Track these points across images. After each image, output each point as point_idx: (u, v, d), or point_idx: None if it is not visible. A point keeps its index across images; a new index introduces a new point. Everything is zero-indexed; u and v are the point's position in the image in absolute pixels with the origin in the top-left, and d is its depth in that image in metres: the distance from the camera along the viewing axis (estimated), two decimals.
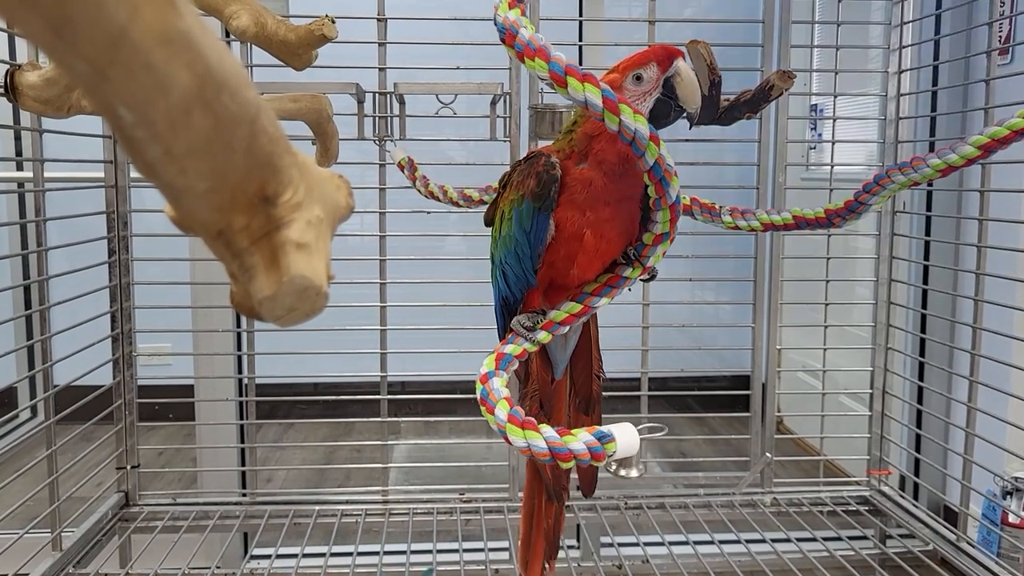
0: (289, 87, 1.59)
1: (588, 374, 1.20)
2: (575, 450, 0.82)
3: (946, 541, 1.76)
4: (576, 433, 0.83)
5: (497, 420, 0.86)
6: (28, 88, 1.15)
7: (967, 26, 2.15)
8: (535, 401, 1.18)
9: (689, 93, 0.98)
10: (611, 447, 0.83)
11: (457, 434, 3.28)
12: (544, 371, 1.17)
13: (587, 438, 0.83)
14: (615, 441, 0.83)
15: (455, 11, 1.88)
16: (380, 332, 1.92)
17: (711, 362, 3.70)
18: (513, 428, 0.84)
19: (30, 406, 3.71)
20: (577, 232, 1.00)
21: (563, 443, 0.83)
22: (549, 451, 0.82)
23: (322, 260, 0.45)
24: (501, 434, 0.85)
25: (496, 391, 0.89)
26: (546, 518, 1.24)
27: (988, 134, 1.05)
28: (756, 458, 2.00)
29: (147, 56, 0.32)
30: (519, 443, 0.83)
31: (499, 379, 0.92)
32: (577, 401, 1.21)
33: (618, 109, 0.87)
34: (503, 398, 0.88)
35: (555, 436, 0.83)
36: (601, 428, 0.84)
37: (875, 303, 2.04)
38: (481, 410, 0.89)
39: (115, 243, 1.84)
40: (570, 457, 0.82)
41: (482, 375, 0.93)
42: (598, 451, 0.82)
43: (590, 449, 0.82)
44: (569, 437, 0.83)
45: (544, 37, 0.91)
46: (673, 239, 1.01)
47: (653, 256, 1.02)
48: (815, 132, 3.19)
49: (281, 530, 1.83)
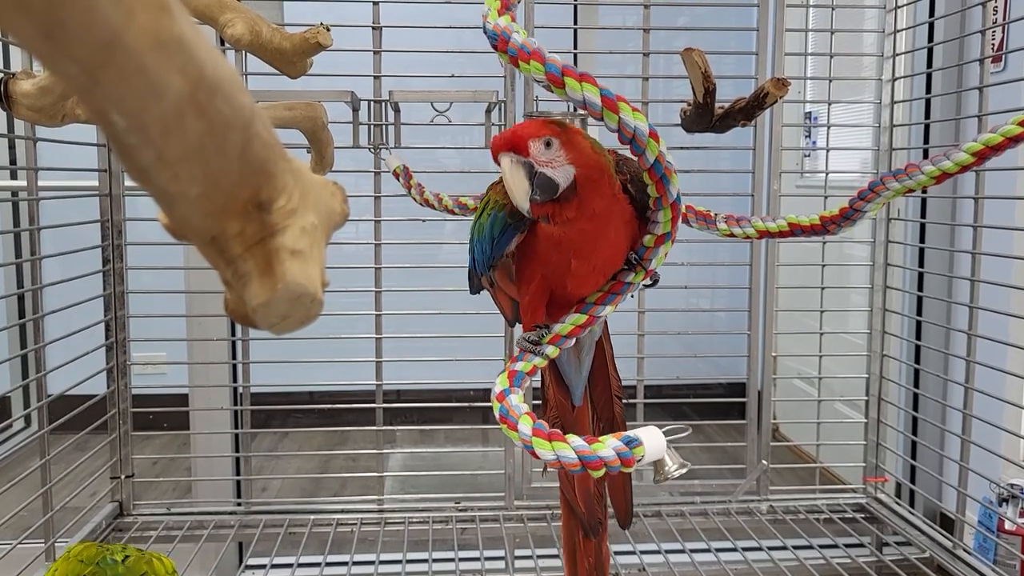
0: (284, 95, 1.59)
1: (608, 396, 1.18)
2: (605, 457, 0.81)
3: (942, 548, 1.76)
4: (604, 440, 0.82)
5: (522, 436, 0.84)
6: (22, 96, 1.15)
7: (960, 34, 2.16)
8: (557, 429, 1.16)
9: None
10: (639, 451, 0.82)
11: (453, 443, 3.28)
12: (563, 397, 1.15)
13: (615, 444, 0.82)
14: (643, 445, 0.82)
15: (450, 19, 1.89)
16: (375, 340, 1.92)
17: (707, 370, 3.70)
18: (540, 441, 0.83)
19: (24, 415, 3.69)
20: (561, 253, 1.00)
21: (592, 451, 0.81)
22: (579, 460, 0.81)
23: (317, 267, 0.45)
24: (527, 449, 0.83)
25: (516, 407, 0.88)
26: (587, 556, 1.21)
27: (982, 141, 1.05)
28: (752, 465, 1.99)
29: (140, 60, 0.32)
30: (547, 456, 0.82)
31: (516, 395, 0.90)
32: (601, 426, 1.19)
33: (617, 107, 0.87)
34: (525, 413, 0.86)
35: (584, 445, 0.81)
36: (627, 433, 0.83)
37: (870, 310, 2.04)
38: (502, 428, 0.87)
39: (109, 252, 1.84)
40: (600, 465, 0.80)
41: (498, 393, 0.92)
42: (627, 456, 0.81)
43: (619, 455, 0.81)
44: (597, 445, 0.82)
45: (537, 41, 0.91)
46: (675, 239, 1.00)
47: (655, 258, 1.01)
48: (810, 139, 3.20)
49: (276, 540, 1.82)
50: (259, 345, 1.95)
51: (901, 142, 1.99)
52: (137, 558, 1.18)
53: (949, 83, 2.26)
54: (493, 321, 1.86)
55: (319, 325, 0.53)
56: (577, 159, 0.95)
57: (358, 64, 1.84)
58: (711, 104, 1.14)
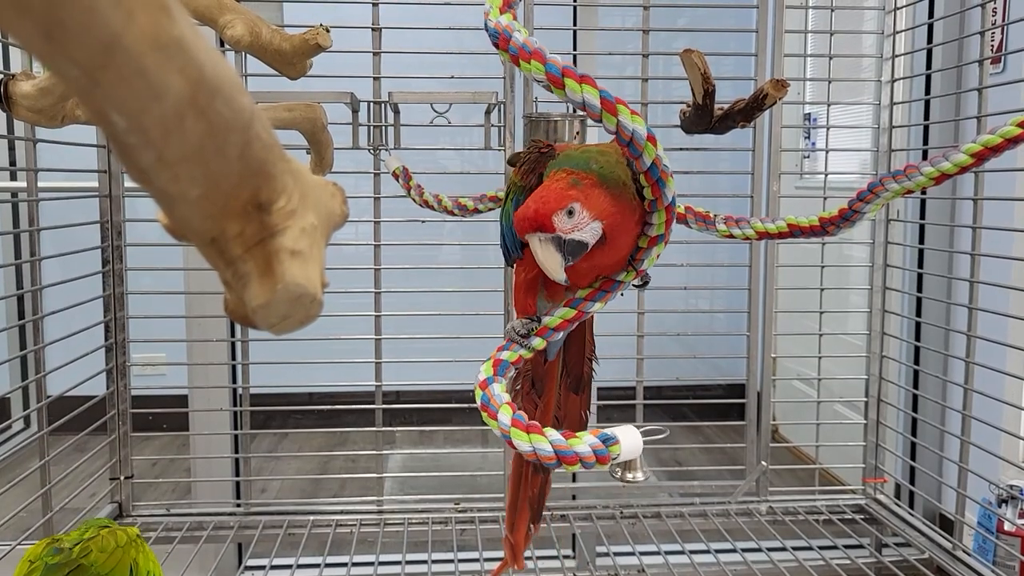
0: (284, 96, 1.59)
1: (581, 356, 1.22)
2: (580, 453, 0.82)
3: (942, 549, 1.76)
4: (581, 436, 0.83)
5: (501, 425, 0.86)
6: (22, 98, 1.15)
7: (959, 35, 2.16)
8: (527, 379, 1.19)
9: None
10: (615, 449, 0.83)
11: (452, 443, 3.28)
12: (537, 352, 1.19)
13: (592, 441, 0.83)
14: (619, 443, 0.83)
15: (450, 21, 1.89)
16: (375, 341, 1.92)
17: (706, 371, 3.70)
18: (518, 432, 0.84)
19: (23, 416, 3.69)
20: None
21: (568, 446, 0.82)
22: (555, 454, 0.82)
23: (316, 267, 0.45)
24: (505, 439, 0.85)
25: (497, 396, 0.89)
26: (531, 487, 1.26)
27: (981, 142, 1.05)
28: (752, 467, 1.99)
29: (140, 62, 0.32)
30: (524, 447, 0.83)
31: (499, 384, 0.92)
32: (568, 381, 1.23)
33: (616, 110, 0.87)
34: (505, 403, 0.88)
35: (560, 440, 0.83)
36: (605, 431, 0.84)
37: (869, 311, 2.04)
38: (483, 416, 0.89)
39: (109, 253, 1.84)
40: (576, 460, 0.82)
41: (481, 381, 0.93)
42: (603, 453, 0.82)
43: (595, 452, 0.82)
44: (574, 440, 0.83)
45: (538, 41, 0.91)
46: (668, 242, 1.01)
47: (647, 259, 1.02)
48: (809, 141, 3.21)
49: (276, 541, 1.82)
50: (258, 346, 1.95)
51: (900, 143, 2.00)
52: (104, 536, 1.16)
53: (948, 84, 2.27)
54: (493, 322, 1.86)
55: (319, 326, 0.53)
56: (601, 212, 0.95)
57: (358, 65, 1.84)
58: (710, 105, 1.14)
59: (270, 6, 2.08)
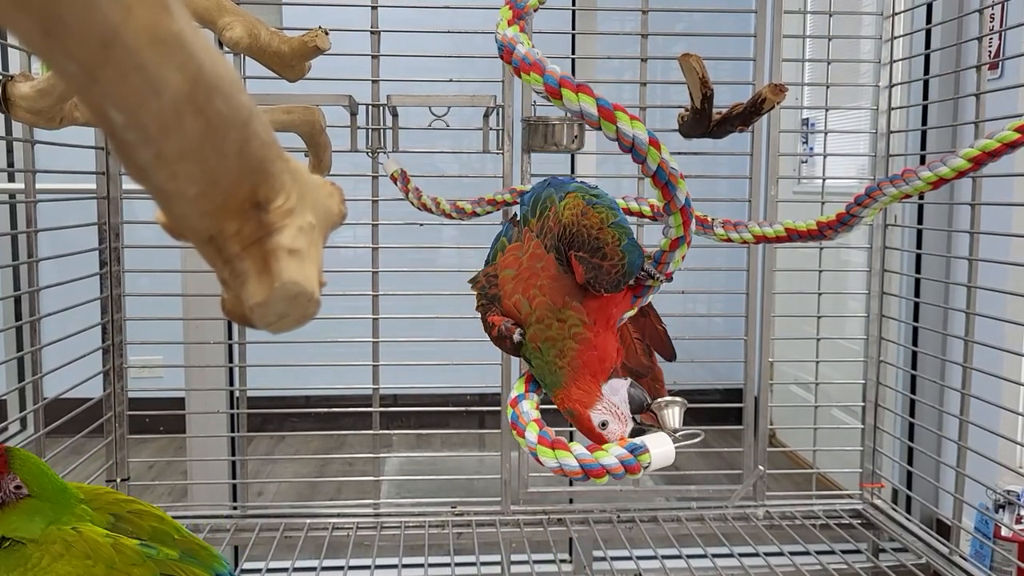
0: (282, 99, 1.59)
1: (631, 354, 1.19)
2: (607, 465, 0.82)
3: (939, 554, 1.76)
4: (607, 448, 0.83)
5: (528, 443, 0.87)
6: (20, 99, 1.15)
7: (957, 41, 2.16)
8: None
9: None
10: (645, 459, 0.82)
11: (449, 447, 3.27)
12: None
13: (619, 452, 0.82)
14: (649, 452, 0.82)
15: (449, 24, 1.89)
16: (373, 344, 1.92)
17: (703, 375, 3.70)
18: (543, 449, 0.85)
19: (20, 418, 3.68)
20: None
21: (595, 459, 0.82)
22: (581, 468, 0.82)
23: (314, 266, 0.45)
24: (532, 456, 0.86)
25: (525, 414, 0.90)
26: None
27: (979, 147, 1.05)
28: (749, 471, 1.99)
29: (139, 57, 0.32)
30: (550, 463, 0.84)
31: (528, 402, 0.92)
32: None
33: (615, 117, 0.87)
34: (532, 420, 0.89)
35: (586, 453, 0.82)
36: (634, 440, 0.83)
37: (867, 316, 2.04)
38: (512, 434, 0.90)
39: (107, 255, 1.83)
40: (603, 473, 0.82)
41: (512, 399, 0.94)
42: (631, 464, 0.82)
43: (623, 463, 0.81)
44: (600, 452, 0.82)
45: (540, 51, 0.91)
46: (690, 242, 0.99)
47: (672, 262, 1.00)
48: (807, 145, 3.21)
49: (272, 544, 1.82)
50: (256, 349, 1.95)
51: (898, 148, 2.00)
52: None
53: (946, 90, 2.27)
54: None
55: (316, 328, 0.53)
56: (603, 371, 0.93)
57: (356, 68, 1.84)
58: (709, 110, 1.14)
59: (269, 8, 2.08)
